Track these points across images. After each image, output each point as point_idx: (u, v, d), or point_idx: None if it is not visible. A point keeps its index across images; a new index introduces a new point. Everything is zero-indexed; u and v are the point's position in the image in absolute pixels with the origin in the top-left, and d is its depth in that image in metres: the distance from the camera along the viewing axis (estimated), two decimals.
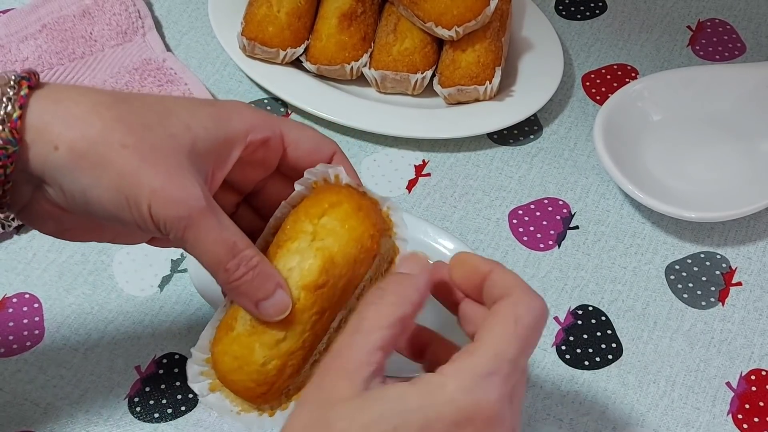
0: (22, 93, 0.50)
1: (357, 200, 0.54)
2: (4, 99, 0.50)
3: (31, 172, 0.51)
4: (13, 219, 0.56)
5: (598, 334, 0.72)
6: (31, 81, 0.51)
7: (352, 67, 0.82)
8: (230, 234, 0.52)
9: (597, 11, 0.92)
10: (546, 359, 0.71)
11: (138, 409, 0.67)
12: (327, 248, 0.52)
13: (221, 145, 0.53)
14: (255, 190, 0.59)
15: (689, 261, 0.76)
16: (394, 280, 0.52)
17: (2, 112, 0.50)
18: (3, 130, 0.49)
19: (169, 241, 0.53)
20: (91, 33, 0.86)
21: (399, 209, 0.55)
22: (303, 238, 0.53)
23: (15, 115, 0.50)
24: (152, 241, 0.59)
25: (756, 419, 0.68)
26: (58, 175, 0.50)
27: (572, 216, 0.78)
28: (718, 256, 0.76)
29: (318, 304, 0.52)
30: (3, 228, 0.55)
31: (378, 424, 0.47)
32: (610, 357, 0.71)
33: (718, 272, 0.75)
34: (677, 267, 0.75)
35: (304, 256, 0.52)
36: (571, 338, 0.72)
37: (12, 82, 0.51)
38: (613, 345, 0.71)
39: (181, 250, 0.75)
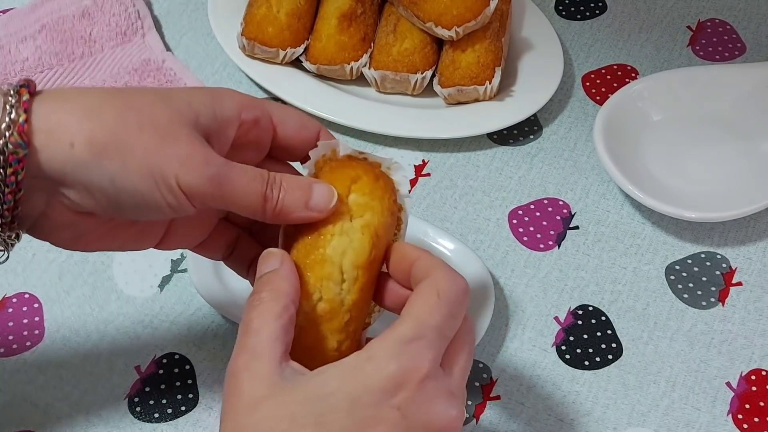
0: (24, 99, 0.50)
1: (370, 170, 0.55)
2: (7, 107, 0.50)
3: (47, 176, 0.51)
4: (16, 237, 0.56)
5: (598, 334, 0.72)
6: (30, 88, 0.51)
7: (351, 68, 0.82)
8: (255, 170, 0.54)
9: (597, 11, 0.92)
10: (546, 359, 0.71)
11: (138, 409, 0.67)
12: (369, 224, 0.53)
13: (219, 123, 0.55)
14: None
15: (689, 261, 0.76)
16: (262, 281, 0.53)
17: (7, 119, 0.49)
18: (12, 134, 0.49)
19: (176, 241, 0.56)
20: (90, 33, 0.86)
21: (400, 167, 0.56)
22: (341, 219, 0.54)
23: (21, 119, 0.50)
24: (160, 245, 0.59)
25: (756, 419, 0.68)
26: (81, 172, 0.50)
27: (572, 216, 0.78)
28: (718, 256, 0.76)
29: (372, 276, 0.54)
30: (6, 248, 0.54)
31: (301, 416, 0.48)
32: (610, 357, 0.71)
33: (718, 272, 0.75)
34: (677, 267, 0.75)
35: (351, 236, 0.53)
36: (571, 338, 0.72)
37: (12, 91, 0.50)
38: (613, 345, 0.71)
39: (181, 251, 0.75)
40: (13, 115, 0.50)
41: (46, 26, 0.85)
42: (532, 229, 0.77)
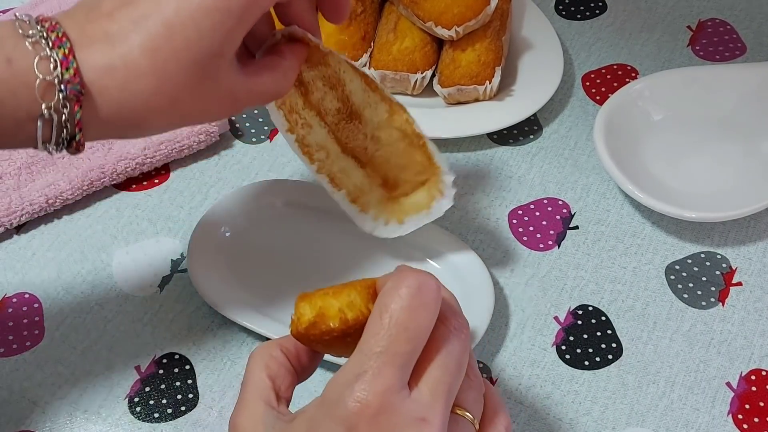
0: (77, 117, 0.51)
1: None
2: (52, 59, 0.50)
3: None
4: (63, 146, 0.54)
5: (598, 334, 0.72)
6: (78, 100, 0.50)
7: None
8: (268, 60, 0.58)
9: (597, 11, 0.91)
10: (546, 359, 0.71)
11: (138, 409, 0.67)
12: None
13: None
14: None
15: (689, 261, 0.76)
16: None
17: (57, 79, 0.49)
18: (67, 86, 0.50)
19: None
20: None
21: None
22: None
23: (73, 66, 0.50)
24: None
25: (756, 419, 0.68)
26: (131, 92, 0.51)
27: (572, 216, 0.78)
28: (718, 256, 0.76)
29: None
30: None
31: None
32: (610, 357, 0.71)
33: (718, 272, 0.75)
34: (677, 267, 0.75)
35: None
36: (571, 338, 0.72)
37: (63, 99, 0.50)
38: (613, 345, 0.71)
39: (181, 251, 0.75)
40: (65, 75, 0.49)
41: None
42: (531, 228, 0.77)
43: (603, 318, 0.73)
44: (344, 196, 0.70)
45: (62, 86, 0.50)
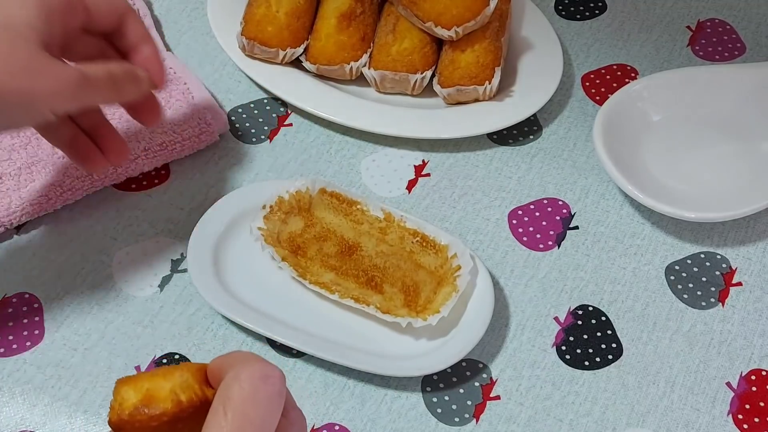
0: None
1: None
2: None
3: None
4: None
5: (598, 334, 0.72)
6: None
7: (351, 67, 0.82)
8: (72, 69, 0.62)
9: (597, 11, 0.92)
10: (546, 359, 0.71)
11: None
12: None
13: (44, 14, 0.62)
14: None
15: (689, 261, 0.76)
16: None
17: None
18: None
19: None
20: None
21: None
22: None
23: None
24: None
25: (756, 419, 0.68)
26: None
27: (572, 216, 0.78)
28: (718, 257, 0.76)
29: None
30: None
31: None
32: (610, 357, 0.71)
33: (718, 272, 0.75)
34: (677, 267, 0.75)
35: None
36: (571, 338, 0.72)
37: None
38: (613, 345, 0.71)
39: (181, 251, 0.75)
40: None
41: None
42: (531, 229, 0.77)
43: (603, 318, 0.73)
44: (375, 309, 0.70)
45: None
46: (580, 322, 0.72)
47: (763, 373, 0.70)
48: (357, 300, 0.69)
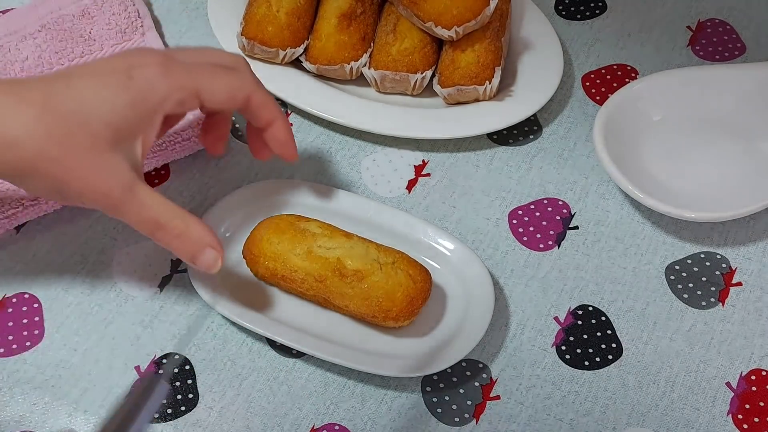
0: None
1: None
2: None
3: None
4: None
5: (598, 334, 0.72)
6: None
7: (351, 67, 0.82)
8: (152, 213, 0.63)
9: (597, 11, 0.92)
10: (546, 359, 0.71)
11: None
12: None
13: (143, 123, 0.63)
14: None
15: (689, 261, 0.76)
16: None
17: None
18: None
19: None
20: (90, 32, 0.86)
21: None
22: None
23: None
24: None
25: (756, 419, 0.68)
26: (4, 178, 0.62)
27: (572, 216, 0.78)
28: (718, 256, 0.76)
29: None
30: None
31: None
32: (610, 357, 0.71)
33: (718, 272, 0.75)
34: (677, 267, 0.75)
35: None
36: (571, 338, 0.72)
37: None
38: (613, 345, 0.71)
39: None
40: None
41: (46, 25, 0.85)
42: (531, 229, 0.77)
43: (603, 318, 0.73)
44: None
45: None
46: (580, 322, 0.72)
47: (763, 373, 0.70)
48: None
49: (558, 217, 0.78)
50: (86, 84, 0.62)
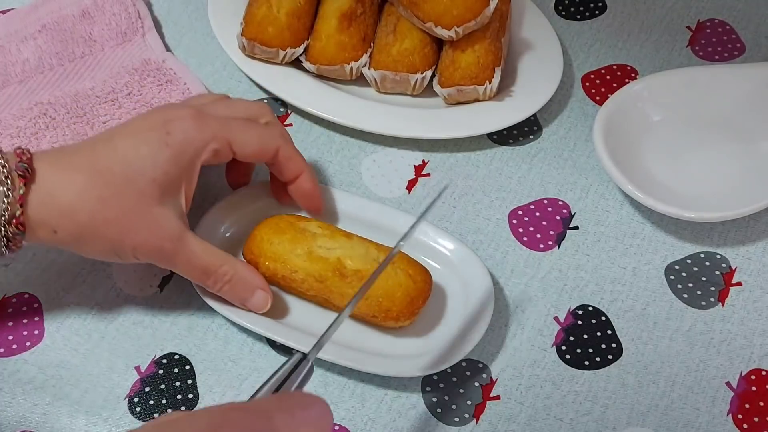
0: (20, 192, 0.62)
1: None
2: (2, 197, 0.61)
3: (34, 241, 0.64)
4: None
5: (598, 334, 0.72)
6: (26, 177, 0.62)
7: (351, 68, 0.82)
8: (202, 262, 0.66)
9: (597, 11, 0.92)
10: (546, 359, 0.71)
11: (138, 409, 0.67)
12: None
13: (184, 174, 0.66)
14: None
15: (689, 261, 0.76)
16: None
17: (7, 214, 0.62)
18: (10, 226, 0.62)
19: None
20: (90, 33, 0.86)
21: None
22: None
23: (18, 213, 0.62)
24: None
25: (756, 419, 0.68)
26: (60, 246, 0.65)
27: (572, 216, 0.78)
28: (718, 256, 0.76)
29: None
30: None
31: None
32: (610, 357, 0.71)
33: (717, 272, 0.75)
34: (677, 267, 0.75)
35: None
36: (571, 338, 0.72)
37: (4, 177, 0.61)
38: (613, 345, 0.71)
39: None
40: (10, 210, 0.62)
41: (47, 26, 0.85)
42: (531, 229, 0.77)
43: (603, 318, 0.73)
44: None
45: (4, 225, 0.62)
46: (580, 322, 0.72)
47: (763, 372, 0.70)
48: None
49: (558, 217, 0.78)
50: (128, 144, 0.65)
